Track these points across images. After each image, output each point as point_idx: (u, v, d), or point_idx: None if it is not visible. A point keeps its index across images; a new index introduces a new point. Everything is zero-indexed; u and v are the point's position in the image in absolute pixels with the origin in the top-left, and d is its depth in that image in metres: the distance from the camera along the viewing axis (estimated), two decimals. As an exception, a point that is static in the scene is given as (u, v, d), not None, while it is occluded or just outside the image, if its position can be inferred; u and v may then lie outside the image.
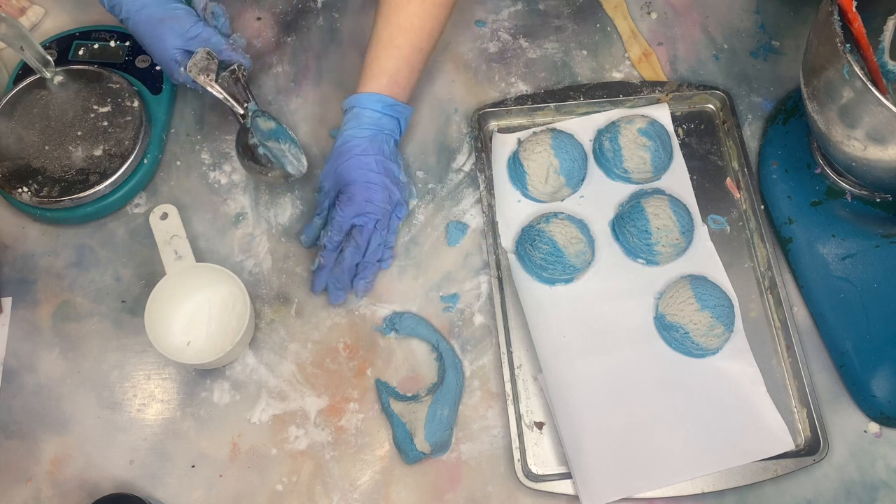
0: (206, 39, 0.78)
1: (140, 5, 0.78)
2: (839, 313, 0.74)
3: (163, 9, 0.78)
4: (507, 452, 0.72)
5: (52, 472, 0.72)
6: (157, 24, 0.78)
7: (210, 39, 0.79)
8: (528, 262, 0.77)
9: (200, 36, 0.78)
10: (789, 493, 0.71)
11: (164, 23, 0.78)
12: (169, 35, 0.78)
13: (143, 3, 0.78)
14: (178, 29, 0.77)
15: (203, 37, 0.78)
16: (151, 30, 0.78)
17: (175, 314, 0.77)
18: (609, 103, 0.86)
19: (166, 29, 0.78)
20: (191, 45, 0.78)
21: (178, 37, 0.78)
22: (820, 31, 0.66)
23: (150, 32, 0.78)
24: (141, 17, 0.78)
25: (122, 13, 0.79)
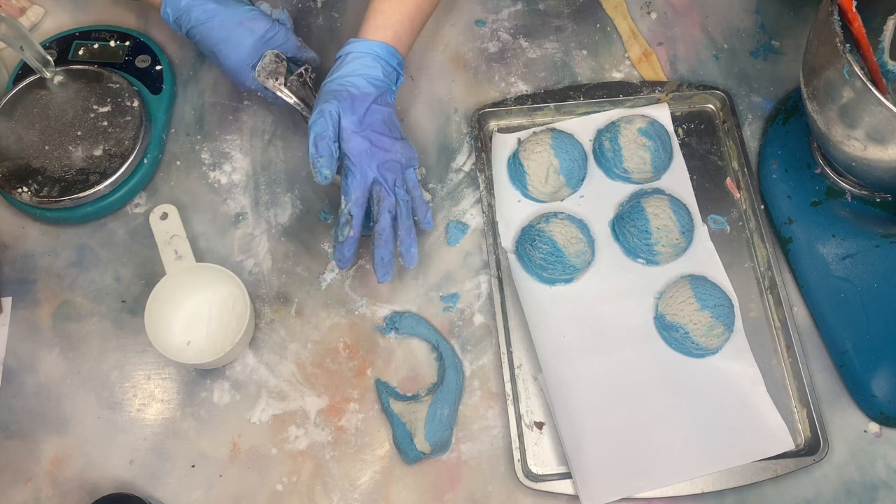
0: (283, 40, 0.78)
1: (211, 13, 0.77)
2: (839, 313, 0.74)
3: (237, 12, 0.77)
4: (507, 452, 0.72)
5: (52, 472, 0.72)
6: (234, 27, 0.77)
7: (286, 41, 0.79)
8: (528, 262, 0.78)
9: (277, 37, 0.78)
10: (789, 493, 0.71)
11: (242, 25, 0.77)
12: (247, 38, 0.77)
13: (214, 11, 0.77)
14: (257, 31, 0.77)
15: (279, 38, 0.78)
16: (227, 35, 0.77)
17: (175, 314, 0.77)
18: (609, 103, 0.86)
19: (244, 32, 0.77)
20: (271, 45, 0.78)
21: (256, 39, 0.77)
22: (820, 31, 0.66)
23: (226, 37, 0.77)
24: (214, 24, 0.77)
25: (190, 22, 0.77)
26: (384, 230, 0.72)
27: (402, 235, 0.73)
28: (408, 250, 0.73)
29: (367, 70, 0.73)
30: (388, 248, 0.72)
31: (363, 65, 0.74)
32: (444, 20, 0.93)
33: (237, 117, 0.88)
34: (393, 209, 0.72)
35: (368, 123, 0.72)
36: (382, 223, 0.72)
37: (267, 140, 0.87)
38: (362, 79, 0.73)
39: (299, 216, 0.83)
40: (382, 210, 0.72)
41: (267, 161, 0.86)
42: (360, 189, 0.71)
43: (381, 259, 0.72)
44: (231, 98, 0.89)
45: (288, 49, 0.79)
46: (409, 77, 0.90)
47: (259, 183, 0.85)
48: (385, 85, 0.74)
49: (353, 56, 0.74)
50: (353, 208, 0.71)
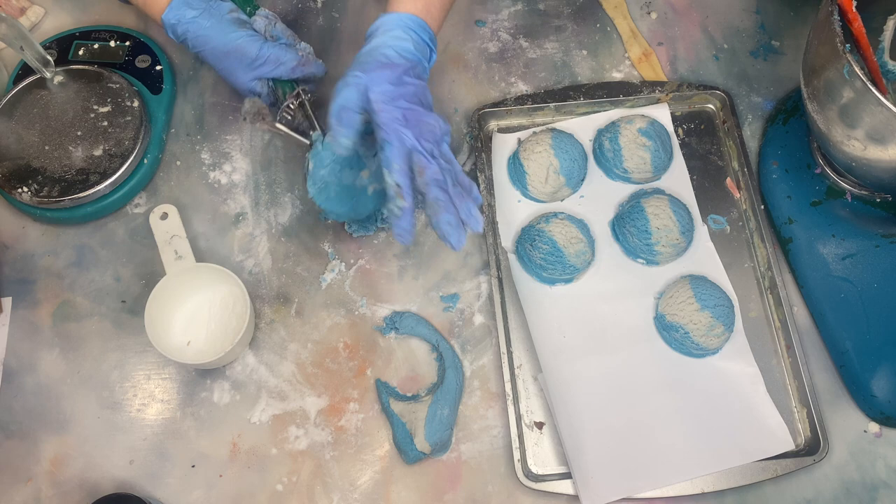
0: (276, 60, 0.77)
1: (204, 42, 0.77)
2: (839, 313, 0.74)
3: (224, 41, 0.77)
4: (507, 452, 0.72)
5: (52, 472, 0.72)
6: (223, 57, 0.77)
7: (279, 62, 0.77)
8: (528, 262, 0.78)
9: (269, 59, 0.77)
10: (789, 493, 0.71)
11: (229, 56, 0.77)
12: (238, 67, 0.77)
13: (206, 40, 0.77)
14: (244, 59, 0.77)
15: (272, 59, 0.77)
16: (220, 63, 0.78)
17: (175, 314, 0.77)
18: (609, 103, 0.86)
19: (233, 61, 0.77)
20: (262, 72, 0.77)
21: (246, 67, 0.77)
22: (820, 31, 0.66)
23: (220, 66, 0.78)
24: (207, 52, 0.77)
25: (191, 48, 0.78)
26: (439, 196, 0.65)
27: (457, 202, 0.66)
28: (469, 213, 0.66)
29: (397, 42, 0.70)
30: (450, 211, 0.65)
31: (393, 37, 0.70)
32: (445, 20, 0.93)
33: (237, 117, 0.88)
34: (439, 175, 0.66)
35: (400, 94, 0.67)
36: (435, 190, 0.65)
37: (267, 140, 0.87)
38: (392, 50, 0.69)
39: (299, 216, 0.83)
40: (428, 180, 0.65)
41: (267, 161, 0.86)
42: (401, 158, 0.66)
43: (447, 224, 0.65)
44: (231, 98, 0.89)
45: (282, 72, 0.78)
46: (409, 77, 0.90)
47: (259, 183, 0.85)
48: (416, 58, 0.70)
49: (383, 29, 0.71)
50: (398, 178, 0.65)
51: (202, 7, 0.77)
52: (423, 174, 0.66)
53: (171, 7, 0.77)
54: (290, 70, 0.78)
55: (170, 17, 0.77)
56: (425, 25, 0.72)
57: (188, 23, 0.77)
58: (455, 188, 0.66)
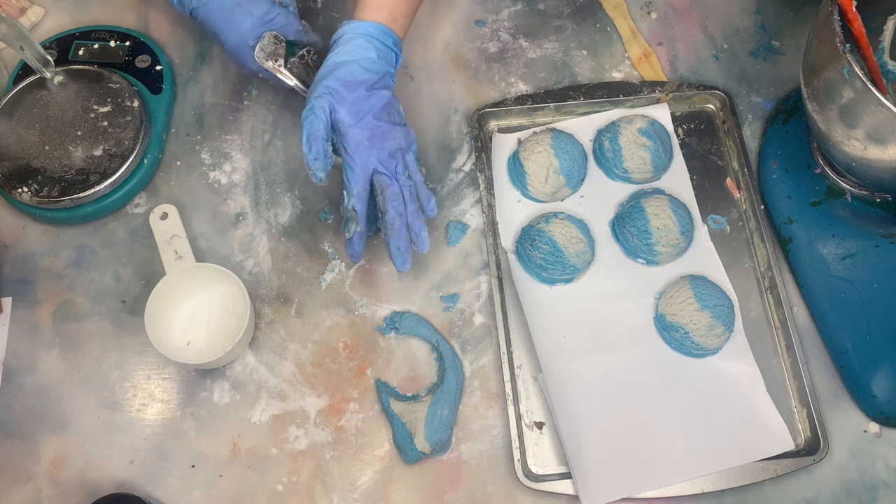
0: (284, 23, 0.78)
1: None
2: (839, 313, 0.74)
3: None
4: (507, 452, 0.72)
5: (52, 472, 0.72)
6: (232, 9, 0.76)
7: (287, 23, 0.78)
8: (528, 262, 0.77)
9: (277, 20, 0.77)
10: (789, 493, 0.71)
11: (241, 6, 0.76)
12: (246, 20, 0.76)
13: None
14: (255, 13, 0.76)
15: (279, 21, 0.77)
16: (226, 16, 0.77)
17: (175, 314, 0.77)
18: (609, 103, 0.86)
19: (243, 13, 0.76)
20: (270, 27, 0.77)
21: (255, 21, 0.76)
22: (820, 31, 0.66)
23: (225, 19, 0.77)
24: (213, 5, 0.77)
25: (192, 3, 0.77)
26: (394, 220, 0.70)
27: (410, 221, 0.71)
28: (418, 235, 0.72)
29: (360, 52, 0.71)
30: (402, 237, 0.71)
31: (356, 46, 0.71)
32: (444, 20, 0.93)
33: (237, 117, 0.88)
34: (398, 197, 0.70)
35: (366, 111, 0.70)
36: (391, 213, 0.70)
37: (267, 140, 0.87)
38: (356, 64, 0.70)
39: (299, 216, 0.83)
40: (388, 200, 0.70)
41: (267, 161, 0.86)
42: (361, 183, 0.70)
43: (397, 249, 0.71)
44: (231, 98, 0.89)
45: (289, 32, 0.78)
46: (409, 77, 0.90)
47: (259, 183, 0.85)
48: (381, 68, 0.71)
49: (346, 38, 0.72)
50: (356, 203, 0.70)
51: None
52: (385, 193, 0.70)
53: None
54: (296, 32, 0.79)
55: None
56: (389, 32, 0.72)
57: None
58: (412, 204, 0.70)
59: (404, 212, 0.71)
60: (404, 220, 0.71)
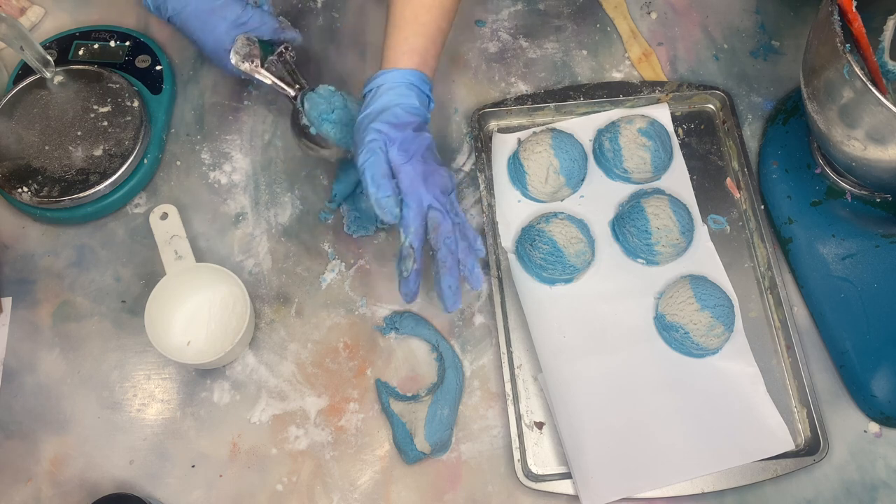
0: (259, 23, 0.78)
1: (185, 1, 0.77)
2: (839, 313, 0.74)
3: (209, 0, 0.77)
4: (507, 452, 0.72)
5: (52, 472, 0.72)
6: (207, 15, 0.77)
7: (262, 23, 0.78)
8: (528, 262, 0.77)
9: (251, 21, 0.78)
10: (789, 493, 0.71)
11: (214, 12, 0.77)
12: (220, 24, 0.77)
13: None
14: (229, 17, 0.77)
15: (254, 22, 0.78)
16: (201, 23, 0.78)
17: (175, 314, 0.77)
18: (609, 103, 0.86)
19: (217, 18, 0.77)
20: (244, 30, 0.78)
21: (229, 24, 0.77)
22: (820, 31, 0.66)
23: (201, 25, 0.78)
24: (189, 12, 0.78)
25: (169, 11, 0.78)
26: (447, 258, 0.68)
27: (462, 258, 0.69)
28: (472, 271, 0.69)
29: (402, 100, 0.70)
30: (454, 276, 0.68)
31: (398, 94, 0.71)
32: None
33: (237, 117, 0.88)
34: (451, 234, 0.69)
35: (415, 151, 0.69)
36: (444, 251, 0.68)
37: (267, 140, 0.87)
38: (400, 108, 0.70)
39: (299, 216, 0.83)
40: (441, 237, 0.68)
41: (267, 161, 0.86)
42: (419, 220, 0.68)
43: (448, 287, 0.68)
44: (231, 98, 0.89)
45: (264, 32, 0.79)
46: (409, 77, 0.90)
47: (259, 183, 0.85)
48: (422, 112, 0.71)
49: (387, 87, 0.71)
50: (413, 240, 0.68)
51: None
52: (438, 230, 0.68)
53: None
54: (272, 31, 0.79)
55: None
56: (425, 78, 0.72)
57: None
58: (463, 241, 0.69)
59: (455, 249, 0.69)
60: (456, 258, 0.69)
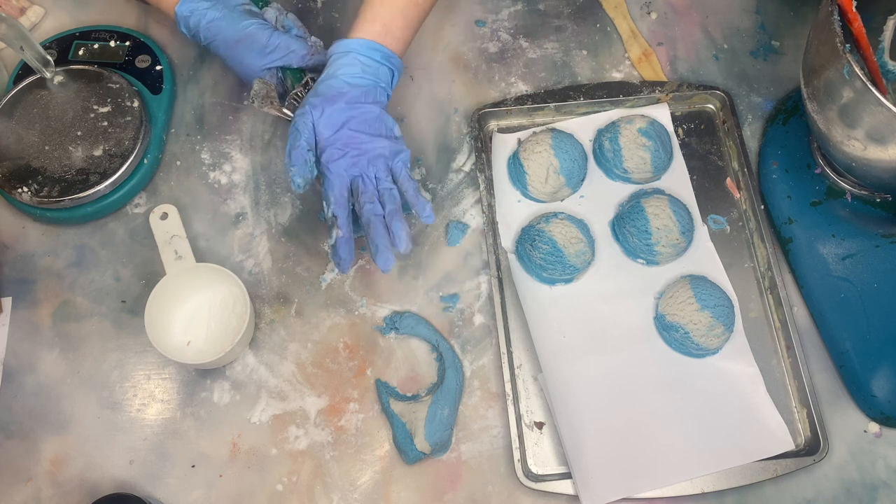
0: (287, 48, 0.78)
1: (216, 31, 0.78)
2: (839, 313, 0.74)
3: (235, 29, 0.78)
4: (507, 452, 0.72)
5: (52, 472, 0.72)
6: (233, 46, 0.78)
7: (289, 51, 0.78)
8: (528, 262, 0.78)
9: (279, 47, 0.78)
10: (789, 493, 0.71)
11: (240, 43, 0.78)
12: (248, 55, 0.78)
13: (219, 28, 0.78)
14: (255, 47, 0.78)
15: (282, 46, 0.78)
16: (230, 53, 0.79)
17: (175, 314, 0.77)
18: (609, 103, 0.86)
19: (244, 49, 0.78)
20: (272, 59, 0.78)
21: (257, 54, 0.78)
22: (820, 31, 0.66)
23: (230, 55, 0.79)
24: (219, 42, 0.79)
25: (202, 40, 0.80)
26: (369, 219, 0.71)
27: (388, 220, 0.71)
28: (396, 234, 0.71)
29: (344, 69, 0.73)
30: (379, 235, 0.70)
31: (341, 64, 0.73)
32: (444, 20, 0.93)
33: (237, 117, 0.88)
34: (373, 199, 0.71)
35: (342, 122, 0.71)
36: (366, 214, 0.71)
37: (267, 140, 0.87)
38: (339, 79, 0.72)
39: (299, 216, 0.83)
40: (364, 202, 0.71)
41: (267, 161, 0.86)
42: (337, 189, 0.71)
43: (375, 248, 0.70)
44: (231, 98, 0.89)
45: (292, 60, 0.78)
46: (409, 77, 0.90)
47: (259, 183, 0.85)
48: (365, 82, 0.73)
49: (334, 57, 0.74)
50: (335, 209, 0.71)
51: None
52: (359, 196, 0.71)
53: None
54: (300, 58, 0.79)
55: (183, 10, 0.79)
56: (376, 46, 0.73)
57: (201, 14, 0.78)
58: (391, 206, 0.71)
59: (381, 212, 0.71)
60: (381, 220, 0.71)
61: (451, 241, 0.81)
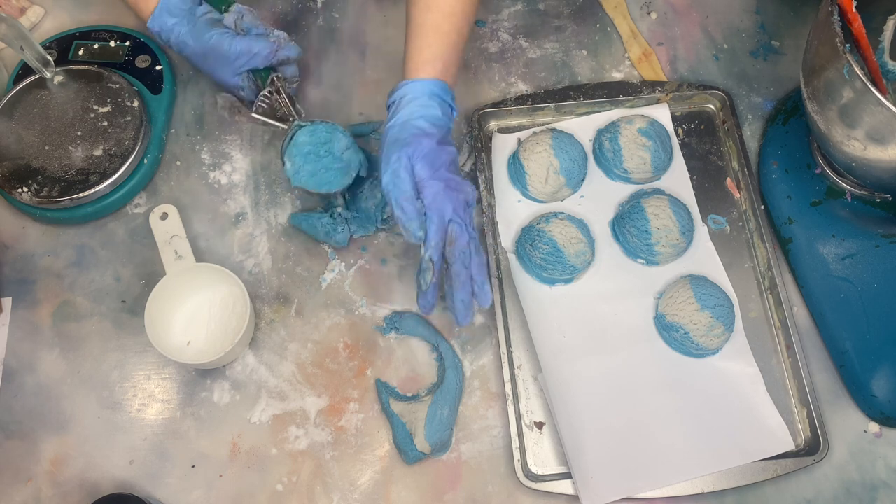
0: (249, 52, 0.78)
1: (184, 46, 0.80)
2: (839, 313, 0.74)
3: (201, 42, 0.79)
4: (507, 452, 0.72)
5: (52, 472, 0.72)
6: (203, 59, 0.80)
7: (253, 54, 0.78)
8: (528, 262, 0.77)
9: (242, 52, 0.78)
10: (789, 493, 0.71)
11: (207, 57, 0.79)
12: (217, 66, 0.79)
13: (185, 44, 0.79)
14: (220, 58, 0.78)
15: (244, 52, 0.78)
16: (203, 65, 0.81)
17: (175, 314, 0.77)
18: (609, 103, 0.86)
19: (212, 61, 0.79)
20: (238, 66, 0.78)
21: (224, 64, 0.79)
22: (820, 31, 0.66)
23: (203, 68, 0.81)
24: (190, 56, 0.81)
25: (179, 53, 0.81)
26: (461, 272, 0.68)
27: (474, 274, 0.69)
28: (482, 288, 0.69)
29: (426, 111, 0.70)
30: (467, 290, 0.69)
31: (421, 105, 0.70)
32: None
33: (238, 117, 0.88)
34: (467, 248, 0.68)
35: (440, 164, 0.68)
36: (458, 266, 0.68)
37: (267, 140, 0.87)
38: (423, 120, 0.70)
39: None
40: (457, 251, 0.68)
41: (267, 161, 0.86)
42: (440, 234, 0.68)
43: (461, 302, 0.69)
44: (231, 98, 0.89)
45: (257, 62, 0.79)
46: (409, 77, 0.90)
47: (259, 183, 0.85)
48: (445, 123, 0.71)
49: (409, 98, 0.71)
50: (433, 254, 0.68)
51: (181, 13, 0.79)
52: (454, 244, 0.68)
53: (154, 16, 0.79)
54: (263, 59, 0.79)
55: (154, 26, 0.80)
56: (447, 87, 0.71)
57: (169, 30, 0.79)
58: (478, 257, 0.69)
59: (469, 264, 0.69)
60: (469, 273, 0.69)
61: (451, 241, 0.81)
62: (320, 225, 0.79)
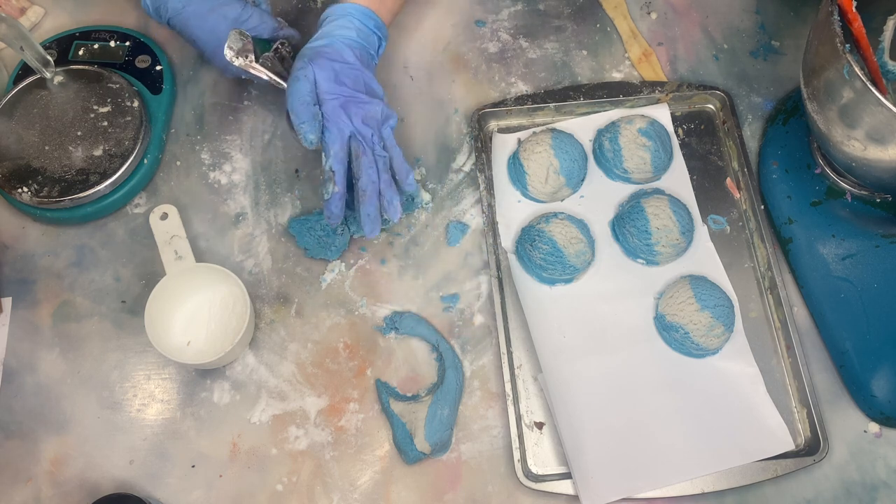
0: (258, 22, 0.79)
1: (185, 1, 0.78)
2: (839, 313, 0.74)
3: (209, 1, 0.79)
4: (507, 452, 0.72)
5: (52, 472, 0.72)
6: (206, 15, 0.79)
7: (262, 22, 0.79)
8: (528, 262, 0.78)
9: (251, 20, 0.79)
10: (789, 493, 0.71)
11: (214, 12, 0.78)
12: (221, 23, 0.78)
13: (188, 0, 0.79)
14: (230, 16, 0.78)
15: (253, 21, 0.79)
16: (201, 22, 0.79)
17: (175, 314, 0.77)
18: (609, 103, 0.86)
19: (217, 17, 0.78)
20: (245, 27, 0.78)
21: (230, 23, 0.78)
22: (820, 31, 0.66)
23: (200, 24, 0.79)
24: (188, 13, 0.79)
25: (168, 12, 0.79)
26: (366, 187, 0.73)
27: (382, 189, 0.74)
28: (390, 202, 0.74)
29: (341, 31, 0.75)
30: (372, 204, 0.73)
31: (337, 26, 0.75)
32: (444, 20, 0.93)
33: (237, 117, 0.88)
34: (372, 164, 0.73)
35: (342, 81, 0.73)
36: (364, 180, 0.73)
37: (267, 140, 0.87)
38: (336, 39, 0.74)
39: (299, 216, 0.83)
40: (362, 166, 0.73)
41: (267, 161, 0.86)
42: (338, 143, 0.72)
43: (367, 215, 0.73)
44: (231, 98, 0.89)
45: (263, 31, 0.80)
46: (409, 77, 0.90)
47: (259, 183, 0.85)
48: (359, 45, 0.75)
49: (329, 19, 0.76)
50: (333, 164, 0.72)
51: None
52: (358, 159, 0.73)
53: None
54: (271, 30, 0.80)
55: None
56: (370, 14, 0.76)
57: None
58: (385, 174, 0.74)
59: (377, 180, 0.73)
60: (376, 188, 0.73)
61: (451, 241, 0.81)
62: (318, 227, 0.79)
